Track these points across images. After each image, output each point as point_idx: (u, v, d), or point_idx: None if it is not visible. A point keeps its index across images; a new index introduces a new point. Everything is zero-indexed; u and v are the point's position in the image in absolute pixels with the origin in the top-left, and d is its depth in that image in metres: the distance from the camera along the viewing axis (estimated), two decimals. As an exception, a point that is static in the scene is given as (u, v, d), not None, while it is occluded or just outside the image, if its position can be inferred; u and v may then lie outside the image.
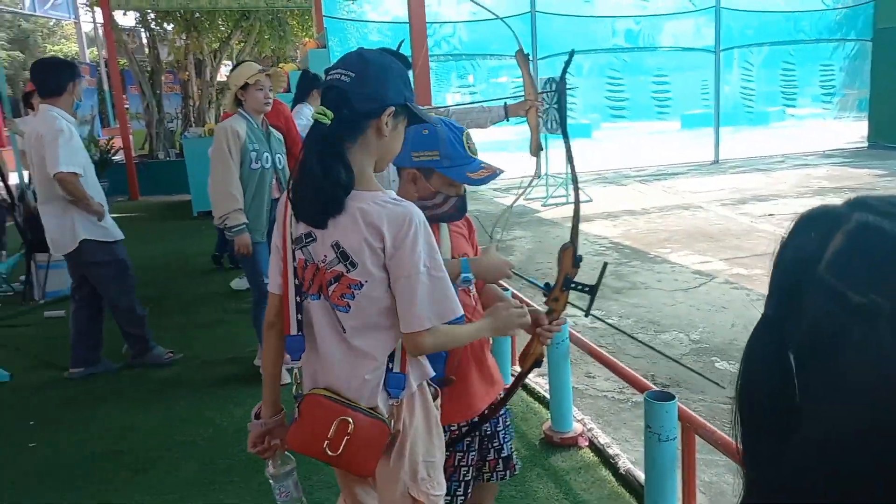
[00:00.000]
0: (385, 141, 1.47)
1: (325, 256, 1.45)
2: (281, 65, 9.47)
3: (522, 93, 3.22)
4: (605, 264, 1.78)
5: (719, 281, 5.26)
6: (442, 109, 3.29)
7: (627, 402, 3.36)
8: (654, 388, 2.55)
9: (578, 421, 3.00)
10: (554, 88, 9.57)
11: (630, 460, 2.70)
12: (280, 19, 12.77)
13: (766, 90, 13.71)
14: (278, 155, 3.72)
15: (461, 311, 1.49)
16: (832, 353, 0.61)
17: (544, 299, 1.78)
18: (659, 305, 4.76)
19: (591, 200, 9.00)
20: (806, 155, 13.07)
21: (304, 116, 5.19)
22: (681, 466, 2.16)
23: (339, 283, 1.44)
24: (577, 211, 1.79)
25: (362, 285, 1.43)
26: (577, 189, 1.81)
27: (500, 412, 1.92)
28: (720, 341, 4.07)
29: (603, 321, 4.27)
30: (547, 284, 1.78)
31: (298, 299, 1.53)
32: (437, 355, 1.72)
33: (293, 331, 1.53)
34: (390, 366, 1.49)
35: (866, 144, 13.48)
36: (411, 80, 1.60)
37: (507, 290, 2.68)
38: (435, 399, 1.62)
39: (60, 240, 3.75)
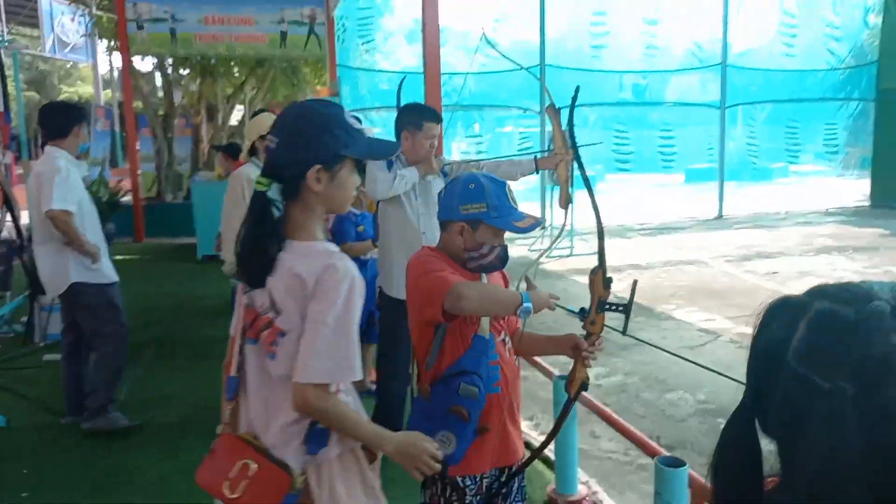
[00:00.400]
0: (323, 195, 1.49)
1: (263, 303, 1.50)
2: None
3: (531, 142, 3.29)
4: (636, 281, 1.86)
5: (724, 340, 5.23)
6: (473, 163, 3.36)
7: (633, 465, 3.30)
8: (661, 450, 2.51)
9: (583, 483, 2.94)
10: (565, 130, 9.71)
11: (635, 528, 2.63)
12: (294, 67, 13.05)
13: (770, 147, 13.88)
14: None
15: (358, 376, 1.47)
16: (798, 434, 0.67)
17: (581, 325, 1.86)
18: (665, 364, 4.71)
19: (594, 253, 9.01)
20: (808, 213, 13.12)
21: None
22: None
23: (269, 329, 1.47)
24: (601, 235, 1.88)
25: (285, 334, 1.45)
26: (598, 216, 1.91)
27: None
28: (725, 401, 4.00)
29: (643, 341, 4.23)
30: (582, 310, 1.86)
31: (241, 342, 1.57)
32: (476, 403, 1.77)
33: (233, 371, 1.58)
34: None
35: (869, 203, 13.54)
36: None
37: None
38: (371, 462, 1.62)
39: (53, 281, 3.71)
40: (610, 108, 12.52)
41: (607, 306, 1.82)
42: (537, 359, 3.06)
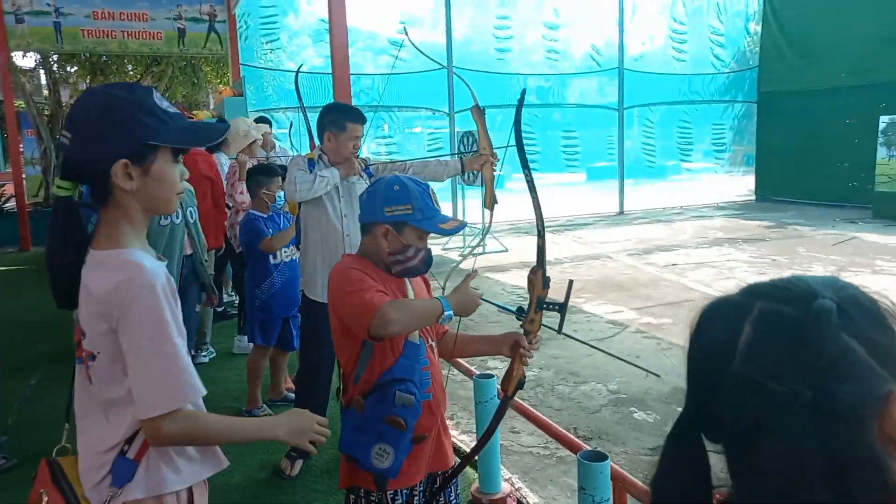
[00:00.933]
0: (139, 193, 1.30)
1: (79, 320, 1.35)
2: (195, 112, 9.27)
3: (441, 143, 3.33)
4: (571, 282, 1.87)
5: (632, 330, 5.47)
6: (399, 164, 3.34)
7: (553, 458, 3.39)
8: (580, 442, 2.59)
9: (506, 480, 3.00)
10: (472, 141, 9.86)
11: (559, 519, 2.71)
12: (194, 66, 12.53)
13: (665, 146, 14.64)
14: (189, 209, 3.62)
15: (201, 392, 1.32)
16: (755, 441, 0.64)
17: (519, 323, 1.88)
18: (577, 356, 4.88)
19: (506, 250, 9.22)
20: (701, 207, 13.95)
21: (222, 166, 5.08)
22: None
23: (81, 349, 1.34)
24: (542, 234, 1.89)
25: (95, 357, 1.30)
26: (540, 215, 1.92)
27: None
28: (636, 391, 4.21)
29: (573, 338, 4.32)
30: (520, 308, 1.87)
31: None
32: (413, 411, 1.74)
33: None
34: (125, 448, 1.30)
35: (754, 197, 14.58)
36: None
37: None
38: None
39: None
40: (510, 109, 12.80)
41: (546, 304, 1.83)
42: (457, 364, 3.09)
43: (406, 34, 3.84)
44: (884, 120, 11.13)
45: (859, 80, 12.07)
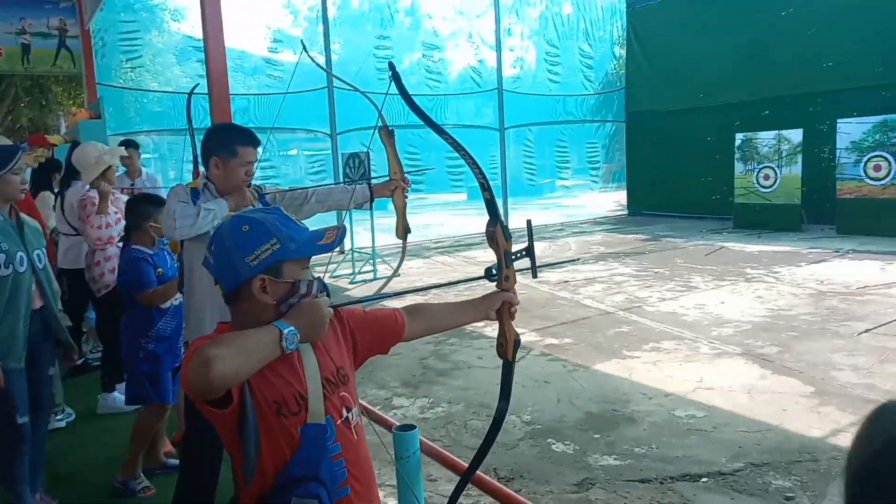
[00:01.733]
0: None
1: None
2: (47, 137, 8.28)
3: (323, 165, 3.05)
4: (529, 220, 1.84)
5: (536, 353, 5.37)
6: (300, 191, 2.98)
7: (476, 505, 3.14)
8: (506, 489, 2.37)
9: (432, 539, 2.71)
10: (358, 164, 9.54)
11: (496, 581, 2.46)
12: (42, 85, 11.33)
13: (543, 164, 15.11)
14: (37, 252, 3.00)
15: None
16: None
17: (493, 284, 1.78)
18: (486, 385, 4.69)
19: (399, 275, 8.94)
20: (580, 223, 14.44)
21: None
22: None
23: None
24: (486, 187, 1.83)
25: None
26: (475, 163, 1.84)
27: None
28: (550, 420, 4.06)
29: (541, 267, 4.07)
30: (488, 270, 1.79)
31: None
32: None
33: None
34: None
35: (626, 212, 15.30)
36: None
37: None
38: None
39: None
40: (400, 130, 12.66)
41: (514, 256, 1.77)
42: (370, 412, 2.79)
43: (304, 49, 3.52)
44: (739, 137, 12.04)
45: (715, 100, 13.03)
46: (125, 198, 4.56)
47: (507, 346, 1.82)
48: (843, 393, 4.13)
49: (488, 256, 8.71)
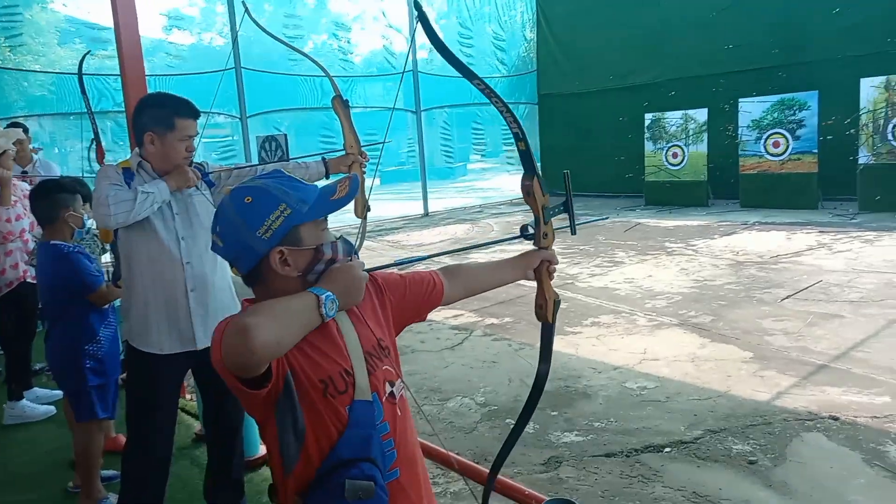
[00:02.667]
0: None
1: None
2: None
3: (234, 151, 2.82)
4: (567, 173, 1.75)
5: (479, 334, 5.29)
6: (248, 168, 2.71)
7: (446, 495, 3.00)
8: (483, 469, 2.25)
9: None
10: (276, 147, 9.10)
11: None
12: None
13: (461, 147, 15.07)
14: None
15: None
16: None
17: (531, 242, 1.69)
18: (433, 370, 4.55)
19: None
20: (499, 204, 14.54)
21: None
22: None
23: None
24: (522, 137, 1.68)
25: None
26: (510, 112, 1.70)
27: None
28: (506, 400, 3.98)
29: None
30: (524, 228, 1.70)
31: None
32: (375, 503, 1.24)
33: None
34: None
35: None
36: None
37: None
38: None
39: None
40: (314, 112, 12.23)
41: (552, 212, 1.68)
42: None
43: (247, 11, 3.20)
44: (648, 117, 12.43)
45: (624, 82, 13.40)
46: (25, 186, 4.08)
47: (547, 308, 1.73)
48: (781, 356, 4.28)
49: (412, 240, 8.65)
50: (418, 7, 1.63)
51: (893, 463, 2.93)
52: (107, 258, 3.89)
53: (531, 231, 1.70)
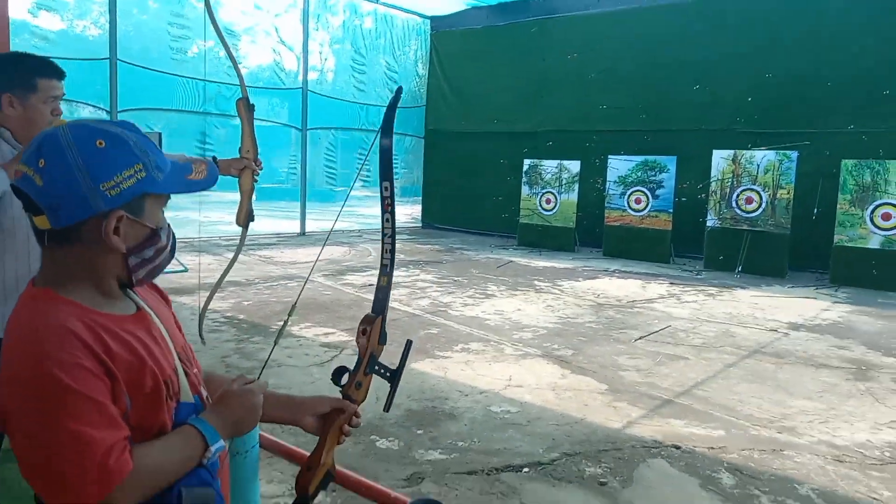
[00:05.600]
0: None
1: None
2: None
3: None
4: (409, 342, 1.49)
5: (349, 352, 5.20)
6: None
7: None
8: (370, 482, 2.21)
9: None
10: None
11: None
12: None
13: (345, 172, 14.99)
14: None
15: None
16: None
17: (339, 387, 1.37)
18: (299, 385, 4.41)
19: (186, 270, 8.18)
20: (379, 231, 14.53)
21: None
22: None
23: None
24: (388, 269, 1.51)
25: None
26: (392, 237, 1.57)
27: None
28: (371, 417, 3.92)
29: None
30: (340, 370, 1.40)
31: None
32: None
33: None
34: None
35: (421, 224, 15.76)
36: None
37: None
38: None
39: None
40: (192, 116, 11.69)
41: (378, 367, 1.42)
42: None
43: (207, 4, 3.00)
44: (526, 163, 13.05)
45: (507, 127, 14.00)
46: None
47: (315, 476, 1.37)
48: (632, 390, 4.57)
49: (286, 257, 8.46)
50: (398, 92, 1.54)
51: (724, 488, 3.20)
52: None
53: (343, 378, 1.42)
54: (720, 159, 10.52)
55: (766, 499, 3.10)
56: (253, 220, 2.79)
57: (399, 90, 1.66)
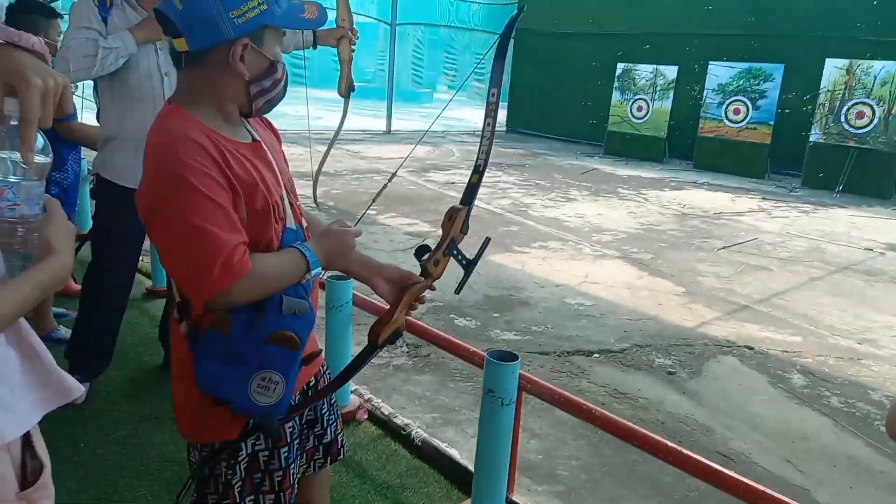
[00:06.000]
0: None
1: None
2: None
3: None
4: (488, 239, 1.53)
5: (431, 241, 5.39)
6: None
7: (388, 367, 3.18)
8: (453, 339, 2.39)
9: (353, 392, 2.71)
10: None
11: (421, 429, 2.52)
12: None
13: (431, 73, 14.84)
14: None
15: None
16: None
17: (419, 262, 1.44)
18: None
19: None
20: (462, 133, 14.50)
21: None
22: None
23: None
24: (480, 169, 1.48)
25: None
26: (490, 140, 1.50)
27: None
28: (451, 299, 4.15)
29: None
30: (422, 247, 1.46)
31: None
32: (306, 321, 1.27)
33: None
34: None
35: (506, 129, 15.56)
36: None
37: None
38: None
39: None
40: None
41: (455, 253, 1.47)
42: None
43: None
44: (620, 67, 12.51)
45: (601, 28, 13.35)
46: None
47: (385, 329, 1.41)
48: (709, 294, 4.58)
49: (372, 153, 8.63)
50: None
51: (794, 387, 3.25)
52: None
53: (425, 255, 1.47)
54: (833, 69, 9.74)
55: (836, 400, 3.13)
56: (353, 90, 2.90)
57: (520, 11, 1.66)
